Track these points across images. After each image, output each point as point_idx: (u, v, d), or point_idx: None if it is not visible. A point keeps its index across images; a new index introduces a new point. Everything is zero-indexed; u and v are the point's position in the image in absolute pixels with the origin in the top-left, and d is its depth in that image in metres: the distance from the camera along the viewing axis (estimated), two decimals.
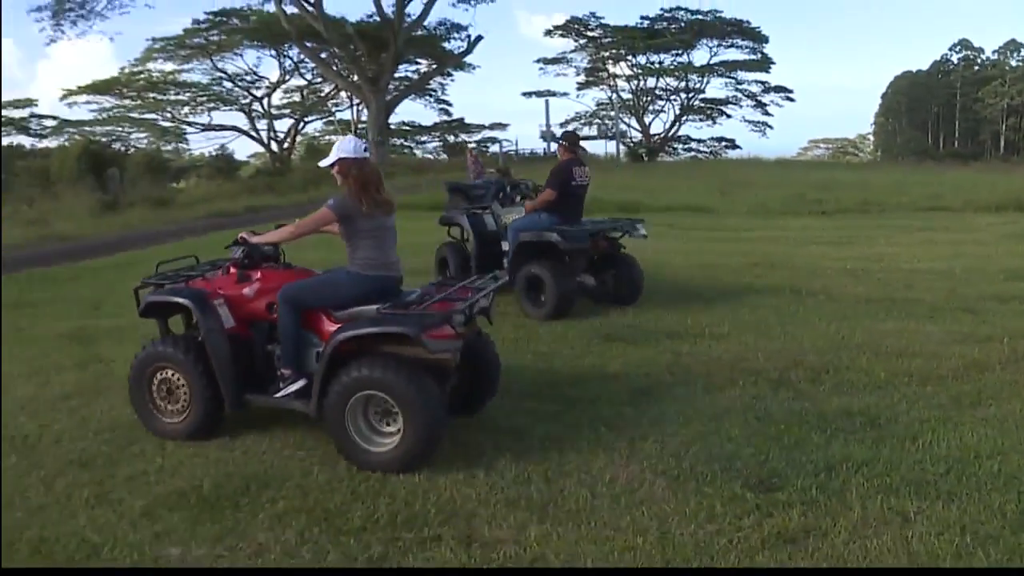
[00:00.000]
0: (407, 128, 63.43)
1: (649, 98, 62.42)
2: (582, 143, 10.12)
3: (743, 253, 12.57)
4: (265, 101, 55.58)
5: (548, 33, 62.23)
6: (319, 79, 54.75)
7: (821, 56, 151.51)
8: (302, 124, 58.63)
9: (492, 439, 4.79)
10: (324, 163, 5.02)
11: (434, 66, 54.11)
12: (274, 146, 55.52)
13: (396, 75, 49.61)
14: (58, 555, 3.61)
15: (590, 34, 59.66)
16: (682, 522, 3.75)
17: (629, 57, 60.26)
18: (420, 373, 4.43)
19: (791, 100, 62.39)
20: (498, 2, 66.79)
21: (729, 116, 62.95)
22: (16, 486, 4.38)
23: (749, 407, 5.27)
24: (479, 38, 49.65)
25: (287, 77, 55.19)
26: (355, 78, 47.18)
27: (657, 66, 60.29)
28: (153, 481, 4.39)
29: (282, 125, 56.94)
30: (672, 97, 62.25)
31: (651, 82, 61.52)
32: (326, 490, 4.19)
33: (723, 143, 63.76)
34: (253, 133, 55.52)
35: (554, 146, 15.97)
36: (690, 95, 61.70)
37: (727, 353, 6.60)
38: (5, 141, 54.96)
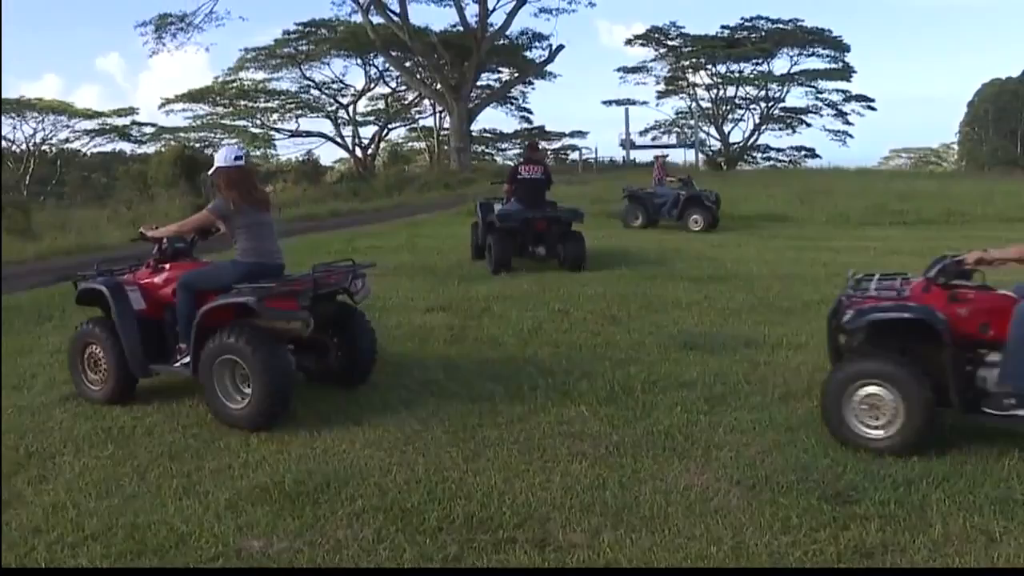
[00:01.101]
0: (488, 135, 63.81)
1: (728, 107, 61.51)
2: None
3: (823, 263, 12.33)
4: (351, 108, 56.55)
5: (628, 42, 61.50)
6: (403, 87, 55.52)
7: (904, 65, 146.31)
8: (386, 131, 59.45)
9: (567, 444, 4.82)
10: (209, 172, 6.01)
11: (516, 75, 54.38)
12: (359, 152, 56.38)
13: (478, 83, 50.13)
14: (149, 541, 3.74)
15: (670, 43, 59.08)
16: (756, 532, 3.70)
17: (709, 66, 59.49)
18: (268, 342, 5.18)
19: (872, 109, 60.58)
20: (579, 12, 66.40)
21: (809, 125, 61.57)
22: (113, 474, 4.58)
23: None
24: (560, 47, 49.79)
25: (372, 85, 56.10)
26: (438, 86, 47.83)
27: (737, 75, 59.42)
28: (237, 475, 4.52)
29: (367, 131, 57.76)
30: (752, 106, 61.26)
31: (731, 91, 60.61)
32: (404, 490, 4.25)
33: (803, 152, 62.50)
34: (339, 139, 56.53)
35: (633, 153, 17.36)
36: (770, 104, 60.64)
37: (805, 363, 6.49)
38: (108, 147, 57.43)
